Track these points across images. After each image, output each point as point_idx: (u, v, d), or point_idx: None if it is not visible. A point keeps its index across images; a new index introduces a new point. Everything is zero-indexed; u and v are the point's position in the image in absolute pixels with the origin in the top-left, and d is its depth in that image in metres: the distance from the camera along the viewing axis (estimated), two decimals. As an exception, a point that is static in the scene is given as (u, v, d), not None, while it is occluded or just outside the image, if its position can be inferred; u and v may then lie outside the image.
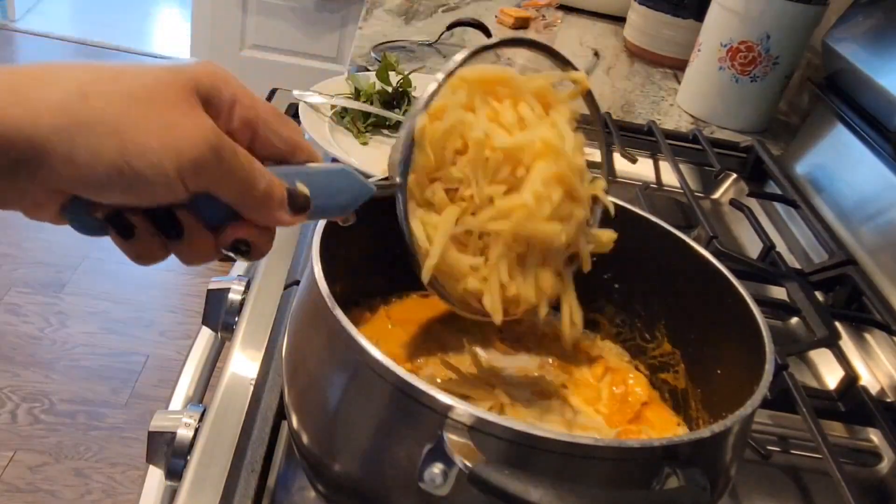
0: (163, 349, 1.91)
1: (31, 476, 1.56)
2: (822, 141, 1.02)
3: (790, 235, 0.92)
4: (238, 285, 0.71)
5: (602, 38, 1.49)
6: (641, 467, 0.36)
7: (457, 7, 1.49)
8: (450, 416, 0.36)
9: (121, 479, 1.60)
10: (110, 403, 1.75)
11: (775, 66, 1.09)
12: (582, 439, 0.36)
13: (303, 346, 0.45)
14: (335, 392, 0.41)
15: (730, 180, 1.02)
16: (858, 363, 0.72)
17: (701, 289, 0.51)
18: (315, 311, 0.42)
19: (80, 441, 1.65)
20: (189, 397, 0.75)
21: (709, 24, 1.15)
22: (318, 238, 0.45)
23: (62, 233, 2.29)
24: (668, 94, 1.27)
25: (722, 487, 0.42)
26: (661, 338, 0.56)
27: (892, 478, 0.62)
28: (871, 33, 0.95)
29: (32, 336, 1.87)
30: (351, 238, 0.51)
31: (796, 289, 0.76)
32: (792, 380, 0.62)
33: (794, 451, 0.62)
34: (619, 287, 0.58)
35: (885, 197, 0.86)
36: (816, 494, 0.59)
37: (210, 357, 0.79)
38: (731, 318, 0.49)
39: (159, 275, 2.15)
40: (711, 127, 1.16)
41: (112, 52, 3.31)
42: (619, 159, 0.98)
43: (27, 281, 2.02)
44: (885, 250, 0.82)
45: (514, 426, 0.35)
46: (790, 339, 0.75)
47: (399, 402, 0.38)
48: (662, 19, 1.36)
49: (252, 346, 0.61)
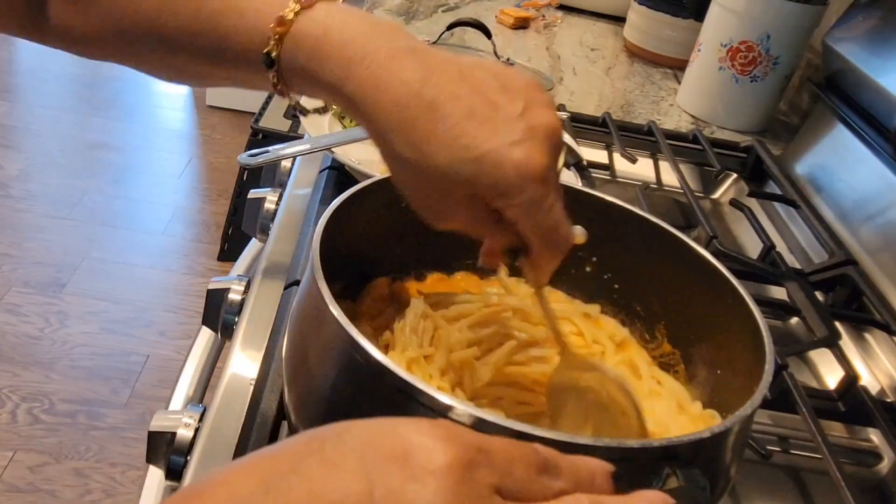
0: (163, 349, 1.91)
1: (31, 476, 1.56)
2: (822, 141, 1.02)
3: (790, 235, 0.92)
4: (238, 285, 0.71)
5: (602, 38, 1.49)
6: (641, 467, 0.36)
7: (457, 7, 1.49)
8: (449, 416, 0.36)
9: (121, 479, 1.60)
10: (110, 403, 1.75)
11: (775, 66, 1.09)
12: (581, 439, 0.36)
13: (303, 346, 0.45)
14: (335, 392, 0.41)
15: (730, 180, 1.02)
16: (858, 363, 0.72)
17: (701, 289, 0.51)
18: (315, 311, 0.42)
19: (80, 441, 1.65)
20: (189, 397, 0.75)
21: (709, 24, 1.15)
22: (317, 238, 0.45)
23: (62, 233, 2.30)
24: (668, 94, 1.26)
25: (722, 487, 0.42)
26: (661, 338, 0.55)
27: (892, 478, 0.62)
28: (871, 33, 0.95)
29: (32, 336, 1.87)
30: (351, 238, 0.51)
31: (796, 289, 0.76)
32: (792, 380, 0.62)
33: (794, 451, 0.62)
34: (619, 287, 0.58)
35: (885, 197, 0.86)
36: (816, 494, 0.59)
37: (210, 357, 0.79)
38: (731, 318, 0.49)
39: (159, 275, 2.15)
40: (711, 127, 1.16)
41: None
42: (619, 159, 0.98)
43: (27, 281, 2.02)
44: (885, 250, 0.82)
45: (514, 426, 0.35)
46: (790, 339, 0.75)
47: (399, 403, 0.38)
48: (662, 19, 1.36)
49: (252, 346, 0.61)
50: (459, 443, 0.26)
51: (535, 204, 0.41)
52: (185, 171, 2.64)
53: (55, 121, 2.78)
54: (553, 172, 0.41)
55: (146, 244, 2.24)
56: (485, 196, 0.41)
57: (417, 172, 0.41)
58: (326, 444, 0.27)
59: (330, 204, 0.49)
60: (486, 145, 0.39)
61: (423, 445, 0.26)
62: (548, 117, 0.41)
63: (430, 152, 0.40)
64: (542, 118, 0.41)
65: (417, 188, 0.43)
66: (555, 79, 1.23)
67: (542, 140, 0.40)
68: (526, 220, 0.42)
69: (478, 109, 0.40)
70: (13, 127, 2.68)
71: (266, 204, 0.84)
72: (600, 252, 0.57)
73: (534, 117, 0.41)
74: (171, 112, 3.02)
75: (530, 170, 0.40)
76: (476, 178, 0.40)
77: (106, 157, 2.62)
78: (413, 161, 0.41)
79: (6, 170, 2.44)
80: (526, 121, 0.40)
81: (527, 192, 0.40)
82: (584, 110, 1.09)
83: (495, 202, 0.41)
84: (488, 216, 0.43)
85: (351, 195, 0.50)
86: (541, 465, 0.28)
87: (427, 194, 0.43)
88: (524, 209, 0.41)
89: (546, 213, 0.41)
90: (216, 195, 2.52)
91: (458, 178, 0.40)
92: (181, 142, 2.84)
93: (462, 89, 0.40)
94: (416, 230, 0.56)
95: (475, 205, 0.42)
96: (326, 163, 0.84)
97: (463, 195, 0.41)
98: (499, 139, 0.39)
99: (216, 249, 2.26)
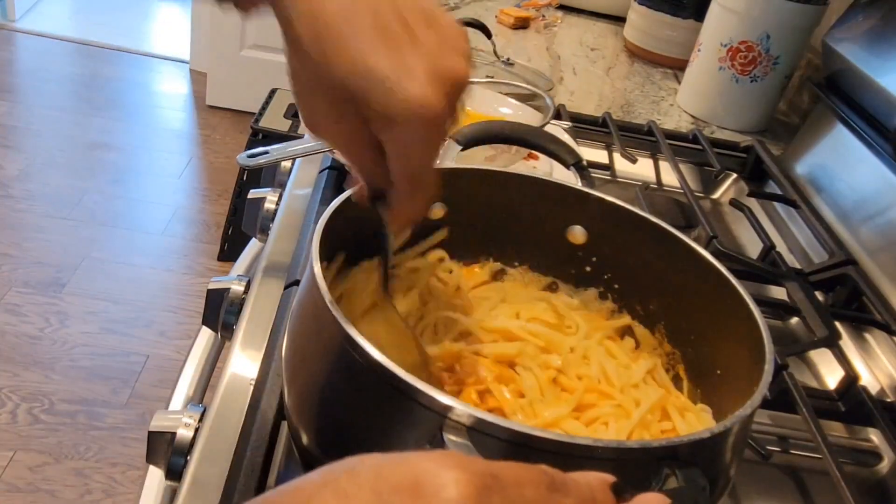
0: (163, 349, 1.91)
1: (31, 476, 1.56)
2: (822, 141, 1.02)
3: (790, 235, 0.92)
4: (238, 285, 0.71)
5: (602, 38, 1.49)
6: (640, 468, 0.36)
7: (457, 7, 1.49)
8: (449, 416, 0.36)
9: (121, 479, 1.60)
10: (110, 403, 1.75)
11: (775, 66, 1.09)
12: (581, 440, 0.36)
13: (303, 346, 0.45)
14: (335, 392, 0.41)
15: (730, 180, 1.02)
16: (858, 363, 0.72)
17: (701, 289, 0.51)
18: (315, 311, 0.42)
19: (80, 441, 1.65)
20: (189, 397, 0.75)
21: (709, 24, 1.15)
22: (317, 238, 0.45)
23: (62, 233, 2.30)
24: (668, 94, 1.26)
25: (722, 488, 0.42)
26: (661, 338, 0.55)
27: (892, 478, 0.62)
28: (871, 33, 0.95)
29: (32, 336, 1.87)
30: (351, 238, 0.51)
31: (796, 289, 0.76)
32: (792, 380, 0.62)
33: (794, 451, 0.62)
34: (619, 287, 0.58)
35: (885, 197, 0.86)
36: (816, 494, 0.59)
37: (210, 357, 0.79)
38: (731, 318, 0.49)
39: (159, 275, 2.15)
40: (711, 127, 1.16)
41: (112, 52, 3.31)
42: (619, 159, 0.98)
43: (27, 281, 2.02)
44: (885, 250, 0.82)
45: (513, 426, 0.35)
46: (790, 339, 0.75)
47: (398, 403, 0.38)
48: (662, 19, 1.36)
49: (252, 346, 0.61)
50: (471, 471, 0.26)
51: (413, 144, 0.40)
52: (185, 171, 2.64)
53: (55, 121, 2.78)
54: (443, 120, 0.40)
55: (146, 244, 2.24)
56: (369, 117, 0.40)
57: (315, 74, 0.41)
58: (341, 478, 0.27)
59: (330, 204, 0.49)
60: (386, 70, 0.39)
61: (435, 475, 0.26)
62: (459, 65, 0.40)
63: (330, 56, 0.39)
64: (453, 63, 0.40)
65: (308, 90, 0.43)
66: (555, 79, 1.23)
67: (444, 84, 0.39)
68: (398, 156, 0.41)
69: (391, 31, 0.39)
70: (13, 127, 2.68)
71: (266, 204, 0.84)
72: (600, 252, 0.57)
73: (444, 59, 0.40)
74: (171, 112, 3.02)
75: (421, 109, 0.39)
76: (366, 97, 0.39)
77: (106, 157, 2.62)
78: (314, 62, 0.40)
79: (6, 170, 2.44)
80: (435, 59, 0.39)
81: (409, 128, 0.39)
82: (584, 110, 1.09)
83: (376, 126, 0.41)
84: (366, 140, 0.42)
85: (351, 195, 0.50)
86: (549, 485, 0.29)
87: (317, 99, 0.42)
88: (401, 144, 0.40)
89: (419, 156, 0.41)
90: (216, 195, 2.52)
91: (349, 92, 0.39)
92: (181, 142, 2.84)
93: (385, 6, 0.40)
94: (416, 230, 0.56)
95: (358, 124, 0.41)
96: (326, 163, 0.84)
97: (349, 109, 0.41)
98: (398, 66, 0.39)
99: (216, 249, 2.26)
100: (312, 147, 0.74)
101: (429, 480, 0.26)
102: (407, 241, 0.57)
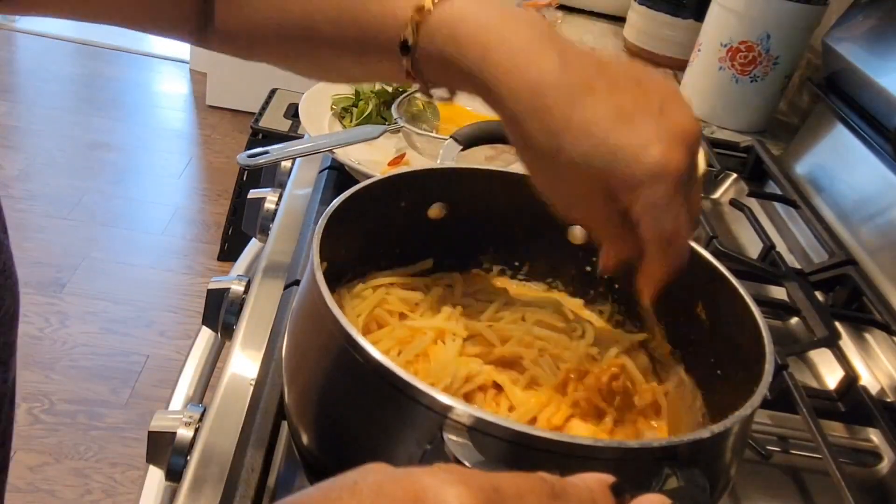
0: (163, 349, 1.91)
1: (31, 476, 1.56)
2: (822, 141, 1.02)
3: (790, 235, 0.92)
4: (238, 285, 0.71)
5: (602, 38, 1.49)
6: (641, 468, 0.36)
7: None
8: (449, 416, 0.36)
9: (121, 479, 1.60)
10: (110, 403, 1.75)
11: (775, 66, 1.09)
12: (581, 440, 0.36)
13: (303, 346, 0.45)
14: (335, 392, 0.41)
15: (730, 180, 1.02)
16: (858, 363, 0.72)
17: (701, 289, 0.51)
18: (315, 311, 0.42)
19: (80, 441, 1.65)
20: (189, 397, 0.75)
21: (709, 24, 1.15)
22: (317, 238, 0.45)
23: (62, 233, 2.30)
24: (668, 94, 1.26)
25: (722, 488, 0.42)
26: (661, 338, 0.55)
27: (892, 478, 0.62)
28: (871, 33, 0.95)
29: (32, 336, 1.88)
30: (351, 238, 0.51)
31: (796, 289, 0.76)
32: (792, 380, 0.62)
33: (794, 451, 0.62)
34: (619, 287, 0.58)
35: (885, 197, 0.86)
36: (816, 494, 0.59)
37: (210, 357, 0.79)
38: (731, 318, 0.49)
39: (159, 275, 2.15)
40: (711, 127, 1.16)
41: (112, 52, 3.31)
42: (619, 159, 0.98)
43: (27, 281, 2.02)
44: (885, 250, 0.82)
45: (514, 427, 0.35)
46: (790, 339, 0.75)
47: (399, 403, 0.38)
48: (662, 19, 1.36)
49: (252, 346, 0.61)
50: (472, 486, 0.26)
51: (662, 206, 0.40)
52: (185, 171, 2.64)
53: (55, 121, 2.78)
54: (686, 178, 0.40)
55: (146, 244, 2.24)
56: (614, 189, 0.41)
57: (550, 161, 0.41)
58: (343, 493, 0.27)
59: (330, 204, 0.49)
60: (624, 140, 0.39)
61: (437, 491, 0.26)
62: (687, 119, 0.41)
63: (565, 141, 0.40)
64: (681, 119, 0.40)
65: (549, 177, 0.43)
66: (555, 79, 1.23)
67: (681, 142, 0.40)
68: (649, 220, 0.41)
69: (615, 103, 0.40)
70: (13, 127, 2.68)
71: (266, 204, 0.85)
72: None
73: (672, 117, 0.40)
74: (171, 112, 3.02)
75: (666, 170, 0.39)
76: (609, 171, 0.40)
77: (106, 157, 2.62)
78: (546, 149, 0.41)
79: (6, 170, 2.44)
80: (665, 120, 0.40)
81: (658, 191, 0.39)
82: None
83: (624, 196, 0.41)
84: (614, 214, 0.42)
85: (351, 195, 0.50)
86: (550, 493, 0.29)
87: (558, 184, 0.43)
88: (650, 208, 0.40)
89: (670, 217, 0.41)
90: (216, 195, 2.52)
91: (590, 169, 0.40)
92: (181, 142, 2.84)
93: (599, 81, 0.40)
94: (416, 230, 0.56)
95: (603, 199, 0.42)
96: (326, 163, 0.85)
97: (593, 188, 0.41)
98: (637, 136, 0.39)
99: (216, 249, 2.26)
100: (312, 147, 0.74)
101: (431, 497, 0.26)
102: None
